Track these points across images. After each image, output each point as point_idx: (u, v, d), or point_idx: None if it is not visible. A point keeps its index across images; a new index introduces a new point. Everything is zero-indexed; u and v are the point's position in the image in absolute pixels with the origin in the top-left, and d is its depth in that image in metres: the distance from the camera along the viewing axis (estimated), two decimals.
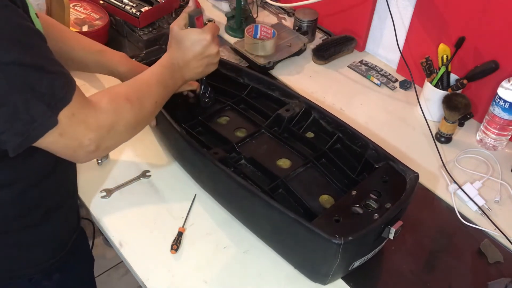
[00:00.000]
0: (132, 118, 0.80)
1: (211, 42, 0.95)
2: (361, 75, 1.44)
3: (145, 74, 0.89)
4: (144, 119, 0.85)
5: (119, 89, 0.82)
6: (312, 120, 1.12)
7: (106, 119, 0.74)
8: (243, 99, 1.20)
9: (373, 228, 0.84)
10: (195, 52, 0.94)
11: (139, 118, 0.82)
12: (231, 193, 0.99)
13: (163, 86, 0.90)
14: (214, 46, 0.95)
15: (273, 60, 1.42)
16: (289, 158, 1.06)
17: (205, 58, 0.96)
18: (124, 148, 1.17)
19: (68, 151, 0.72)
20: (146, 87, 0.86)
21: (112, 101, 0.77)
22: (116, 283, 1.93)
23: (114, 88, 0.82)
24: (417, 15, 1.32)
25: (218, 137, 1.10)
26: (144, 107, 0.84)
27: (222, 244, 0.99)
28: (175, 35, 0.94)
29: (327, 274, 0.88)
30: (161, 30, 1.48)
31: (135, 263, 0.96)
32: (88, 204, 1.05)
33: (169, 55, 0.95)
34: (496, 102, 1.15)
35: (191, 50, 0.94)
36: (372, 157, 1.01)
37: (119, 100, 0.78)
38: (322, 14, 1.54)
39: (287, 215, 0.84)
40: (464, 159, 1.21)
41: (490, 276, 0.97)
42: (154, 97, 0.87)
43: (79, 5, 1.48)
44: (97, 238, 1.41)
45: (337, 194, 0.99)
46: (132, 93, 0.82)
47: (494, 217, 1.07)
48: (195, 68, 0.96)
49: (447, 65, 1.24)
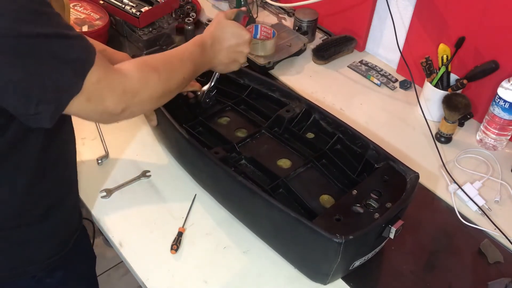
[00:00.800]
0: (159, 88, 0.81)
1: (247, 41, 1.00)
2: (361, 75, 1.44)
3: (177, 49, 0.92)
4: (169, 92, 0.86)
5: (150, 59, 0.84)
6: (313, 121, 1.12)
7: (131, 85, 0.76)
8: (244, 100, 1.20)
9: (374, 227, 0.84)
10: (231, 42, 0.98)
11: (165, 90, 0.83)
12: (231, 193, 0.99)
13: (193, 63, 0.92)
14: (248, 47, 1.00)
15: (273, 60, 1.42)
16: (289, 158, 1.06)
17: (235, 53, 0.99)
18: (124, 148, 1.17)
19: (95, 115, 0.74)
20: (176, 61, 0.88)
21: (139, 69, 0.78)
22: (116, 283, 1.92)
23: (145, 58, 0.84)
24: (417, 15, 1.32)
25: (218, 137, 1.10)
26: (172, 80, 0.85)
27: (222, 244, 0.99)
28: (221, 20, 0.98)
29: (327, 274, 0.88)
30: (161, 30, 1.48)
31: (135, 263, 0.96)
32: (88, 204, 1.05)
33: (205, 36, 0.97)
34: (496, 102, 1.15)
35: (228, 39, 0.98)
36: (372, 157, 1.01)
37: (147, 69, 0.80)
38: (322, 14, 1.54)
39: (288, 214, 0.84)
40: (464, 159, 1.21)
41: (490, 276, 0.97)
42: (183, 72, 0.89)
43: (79, 5, 1.48)
44: (97, 238, 1.41)
45: (337, 194, 0.99)
46: (162, 64, 0.84)
47: (494, 217, 1.07)
48: (224, 58, 0.99)
49: (447, 65, 1.24)
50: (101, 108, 0.73)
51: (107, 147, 1.16)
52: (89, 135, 1.19)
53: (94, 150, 1.15)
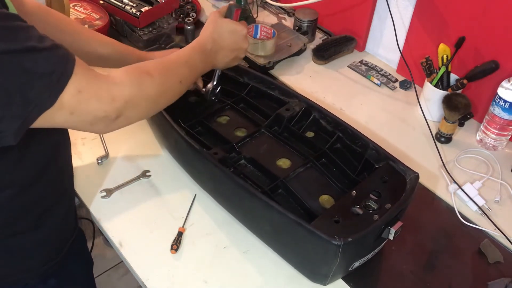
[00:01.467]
0: (152, 91, 0.80)
1: (245, 36, 0.99)
2: (361, 75, 1.44)
3: (173, 54, 0.91)
4: (166, 96, 0.85)
5: (143, 64, 0.83)
6: (312, 120, 1.12)
7: (122, 91, 0.74)
8: (243, 99, 1.20)
9: (372, 229, 0.84)
10: (230, 41, 0.98)
11: (160, 92, 0.82)
12: (231, 194, 0.99)
13: (190, 67, 0.91)
14: (246, 41, 1.00)
15: (273, 60, 1.42)
16: (289, 158, 1.06)
17: (235, 50, 1.00)
18: (124, 148, 1.17)
19: (85, 125, 0.72)
20: (171, 65, 0.88)
21: (129, 74, 0.77)
22: (116, 283, 1.93)
23: (137, 63, 0.83)
24: (417, 15, 1.32)
25: (218, 137, 1.10)
26: (167, 83, 0.84)
27: (222, 244, 0.99)
28: (216, 20, 0.97)
29: (327, 275, 0.88)
30: (161, 30, 1.48)
31: (135, 263, 0.96)
32: (88, 204, 1.05)
33: (202, 38, 0.96)
34: (496, 102, 1.15)
35: (227, 38, 0.97)
36: (372, 157, 1.01)
37: (137, 73, 0.78)
38: (322, 14, 1.53)
39: (286, 216, 0.84)
40: (464, 159, 1.21)
41: (490, 276, 0.97)
42: (179, 75, 0.88)
43: (79, 5, 1.48)
44: (97, 238, 1.41)
45: (337, 194, 0.99)
46: (155, 68, 0.83)
47: (494, 217, 1.07)
48: (225, 56, 0.99)
49: (447, 65, 1.23)
50: (90, 119, 0.70)
51: (107, 147, 1.16)
52: (89, 135, 1.19)
53: (94, 150, 1.15)
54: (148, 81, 0.79)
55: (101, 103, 0.71)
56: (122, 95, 0.73)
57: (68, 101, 0.66)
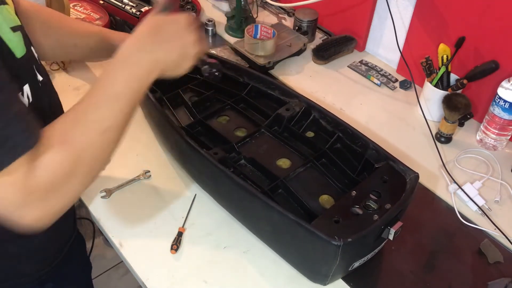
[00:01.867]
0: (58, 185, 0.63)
1: (185, 26, 0.76)
2: (361, 75, 1.44)
3: (82, 98, 0.67)
4: (84, 167, 0.65)
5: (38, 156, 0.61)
6: (312, 120, 1.12)
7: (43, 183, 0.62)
8: (243, 98, 1.20)
9: (372, 229, 0.84)
10: (165, 35, 0.75)
11: (70, 174, 0.63)
12: (231, 194, 0.99)
13: (111, 101, 0.67)
14: (189, 33, 0.76)
15: (273, 60, 1.42)
16: (289, 158, 1.06)
17: (178, 43, 0.76)
18: (124, 148, 1.16)
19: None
20: (77, 120, 0.65)
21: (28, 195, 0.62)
22: (116, 283, 1.93)
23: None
24: (417, 15, 1.32)
25: (218, 137, 1.10)
26: (75, 153, 0.63)
27: (222, 244, 0.99)
28: (145, 20, 0.76)
29: (327, 275, 0.88)
30: None
31: (135, 263, 0.96)
32: (88, 204, 1.05)
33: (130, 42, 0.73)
34: (496, 102, 1.15)
35: (157, 33, 0.74)
36: (372, 157, 1.01)
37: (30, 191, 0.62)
38: (322, 14, 1.53)
39: (286, 216, 0.84)
40: (464, 159, 1.21)
41: (490, 276, 0.97)
42: (95, 127, 0.65)
43: (79, 5, 1.48)
44: (97, 238, 1.41)
45: (337, 194, 0.99)
46: (53, 149, 0.62)
47: (494, 217, 1.07)
48: (166, 57, 0.74)
49: (447, 65, 1.23)
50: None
51: None
52: None
53: None
54: (46, 192, 0.62)
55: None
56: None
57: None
